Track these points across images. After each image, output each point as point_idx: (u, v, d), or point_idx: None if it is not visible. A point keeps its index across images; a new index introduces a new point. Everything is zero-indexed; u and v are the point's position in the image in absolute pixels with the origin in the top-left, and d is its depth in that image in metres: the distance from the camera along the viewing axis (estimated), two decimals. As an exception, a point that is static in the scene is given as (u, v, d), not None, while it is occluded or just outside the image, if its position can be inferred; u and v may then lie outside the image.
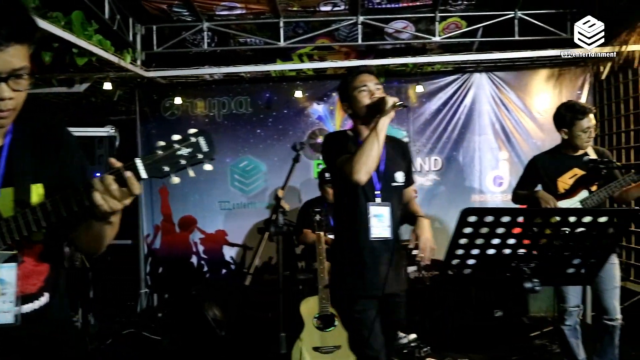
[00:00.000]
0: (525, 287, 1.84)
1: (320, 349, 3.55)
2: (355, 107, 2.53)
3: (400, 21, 5.51)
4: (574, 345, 3.50)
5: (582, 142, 3.38)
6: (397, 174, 2.58)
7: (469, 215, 1.69)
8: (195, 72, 5.50)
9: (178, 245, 5.73)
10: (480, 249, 1.80)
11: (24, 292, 1.39)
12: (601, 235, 1.80)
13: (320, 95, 5.76)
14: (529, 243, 1.79)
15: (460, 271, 1.87)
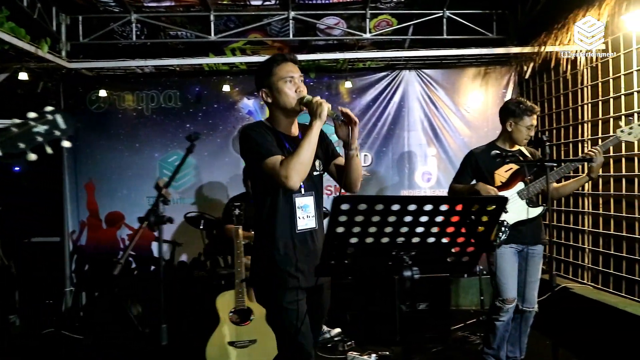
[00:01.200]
0: (405, 275, 1.86)
1: (236, 343, 3.53)
2: (277, 98, 2.39)
3: (332, 17, 5.53)
4: (502, 340, 3.60)
5: (522, 138, 3.57)
6: (316, 162, 2.48)
7: (341, 203, 1.70)
8: (123, 64, 5.37)
9: (105, 242, 5.59)
10: (359, 238, 1.81)
11: None
12: (476, 223, 1.84)
13: (250, 90, 5.72)
14: (407, 231, 1.82)
15: (341, 261, 1.88)
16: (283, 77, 2.36)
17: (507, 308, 3.50)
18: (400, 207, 1.74)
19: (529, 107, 3.58)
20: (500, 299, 3.52)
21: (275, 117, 2.48)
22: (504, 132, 3.66)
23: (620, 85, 4.26)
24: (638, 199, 4.05)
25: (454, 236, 1.88)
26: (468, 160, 3.74)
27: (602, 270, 4.50)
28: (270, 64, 2.41)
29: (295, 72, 2.39)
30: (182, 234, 5.52)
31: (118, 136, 5.62)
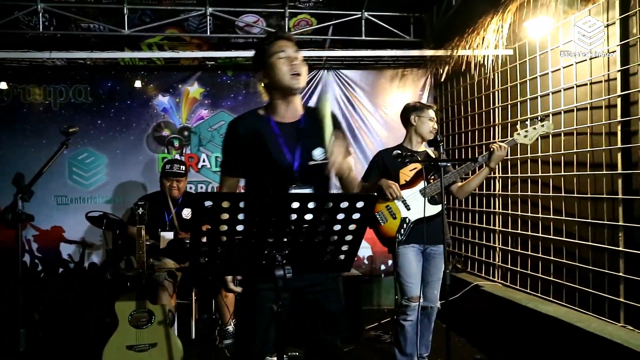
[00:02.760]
0: (277, 274, 1.82)
1: (135, 347, 3.41)
2: (272, 76, 2.25)
3: (250, 15, 5.47)
4: (413, 344, 3.63)
5: (427, 130, 3.70)
6: (316, 150, 2.30)
7: (203, 199, 1.64)
8: (26, 55, 5.09)
9: (7, 243, 5.28)
10: (227, 236, 1.76)
11: None
12: (348, 220, 1.83)
13: (166, 86, 5.58)
14: (276, 231, 1.79)
15: (213, 259, 1.83)
16: (276, 52, 2.23)
17: (413, 306, 3.55)
18: (266, 205, 1.71)
19: (428, 104, 3.85)
20: (406, 298, 3.57)
21: (273, 101, 2.34)
22: (409, 131, 3.79)
23: (526, 90, 4.42)
24: (541, 200, 4.21)
25: (327, 235, 1.86)
26: (376, 159, 3.82)
27: (510, 269, 4.65)
28: (262, 43, 2.31)
29: (288, 47, 2.26)
30: (94, 234, 5.32)
31: (23, 132, 5.34)
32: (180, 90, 5.59)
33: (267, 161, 2.28)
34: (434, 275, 3.69)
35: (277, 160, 2.27)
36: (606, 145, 3.51)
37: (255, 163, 2.30)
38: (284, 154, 2.28)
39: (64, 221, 5.38)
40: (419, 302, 3.58)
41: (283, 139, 2.29)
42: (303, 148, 2.29)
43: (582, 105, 3.73)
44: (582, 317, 3.53)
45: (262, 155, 2.28)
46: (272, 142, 2.28)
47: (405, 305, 3.58)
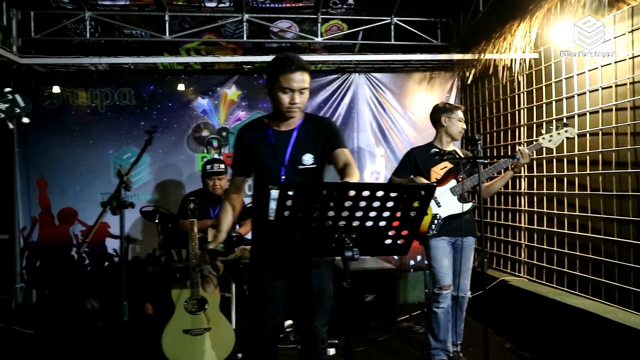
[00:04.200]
0: (346, 255, 2.06)
1: (191, 331, 3.67)
2: (273, 102, 2.60)
3: (284, 21, 5.73)
4: (446, 331, 3.85)
5: (457, 130, 3.91)
6: (305, 156, 2.63)
7: (288, 189, 1.89)
8: (77, 61, 5.39)
9: (57, 238, 5.60)
10: (304, 222, 2.00)
11: None
12: (409, 208, 2.06)
13: (205, 89, 5.87)
14: (348, 216, 2.02)
15: (289, 243, 2.07)
16: (283, 87, 2.49)
17: (445, 294, 3.76)
18: (342, 193, 1.94)
19: (456, 105, 4.02)
20: (438, 287, 3.78)
21: (274, 111, 2.67)
22: (439, 131, 3.98)
23: (551, 92, 4.62)
24: (567, 197, 4.39)
25: (390, 220, 2.09)
26: (407, 157, 4.01)
27: (536, 264, 4.83)
28: (277, 71, 2.50)
29: (296, 85, 2.49)
30: (136, 230, 5.61)
31: (71, 133, 5.63)
32: (218, 92, 5.87)
33: (262, 165, 2.66)
34: (464, 265, 3.89)
35: (269, 165, 2.64)
36: (631, 145, 3.68)
37: (254, 166, 2.71)
38: (275, 160, 2.62)
39: (109, 217, 5.58)
40: (450, 291, 3.80)
41: (275, 146, 2.64)
42: (292, 154, 2.62)
43: (607, 106, 3.90)
44: (609, 309, 3.68)
45: (259, 160, 2.66)
46: (266, 148, 2.65)
47: (438, 294, 3.79)
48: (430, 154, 3.67)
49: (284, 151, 2.63)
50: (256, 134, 2.69)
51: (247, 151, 2.69)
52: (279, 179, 2.59)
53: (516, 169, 3.75)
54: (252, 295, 2.76)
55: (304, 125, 2.68)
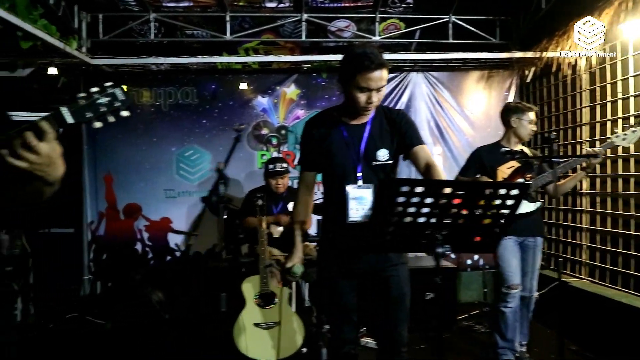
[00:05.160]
0: (437, 251, 2.10)
1: (261, 324, 3.76)
2: (348, 99, 2.48)
3: (342, 20, 5.78)
4: (514, 330, 3.83)
5: (526, 132, 3.86)
6: (380, 151, 2.53)
7: (387, 185, 1.94)
8: (142, 62, 5.58)
9: (122, 232, 5.79)
10: (399, 217, 2.04)
11: None
12: (501, 206, 2.08)
13: (264, 88, 5.97)
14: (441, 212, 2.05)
15: (382, 238, 2.12)
16: (360, 86, 2.38)
17: (513, 294, 3.74)
18: (438, 191, 1.98)
19: (528, 105, 3.93)
20: (506, 286, 3.77)
21: (345, 106, 2.56)
22: (508, 131, 3.92)
23: (617, 90, 4.53)
24: (634, 198, 4.31)
25: (482, 218, 2.12)
26: (474, 156, 4.00)
27: (598, 265, 4.75)
28: (354, 69, 2.38)
29: (374, 85, 2.38)
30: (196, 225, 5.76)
31: (136, 130, 5.82)
32: (278, 91, 5.98)
33: (333, 161, 2.55)
34: (532, 265, 3.88)
35: (342, 161, 2.53)
36: None
37: (324, 161, 2.58)
38: (348, 155, 2.53)
39: (172, 212, 5.84)
40: (519, 290, 3.78)
41: (349, 141, 2.53)
42: (366, 149, 2.52)
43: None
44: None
45: (330, 155, 2.55)
46: (338, 143, 2.54)
47: (506, 293, 3.77)
48: (501, 152, 3.65)
49: (357, 146, 2.52)
50: (326, 127, 2.58)
51: (317, 145, 2.58)
52: (354, 176, 2.51)
53: (588, 168, 3.69)
54: (326, 297, 2.69)
55: (376, 118, 2.57)
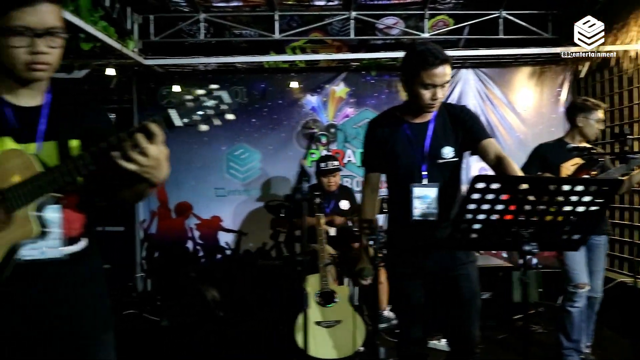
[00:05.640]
0: (524, 249, 2.05)
1: (322, 323, 3.76)
2: (411, 97, 2.45)
3: (391, 17, 5.74)
4: (580, 331, 3.74)
5: (593, 132, 3.73)
6: (445, 149, 2.49)
7: (478, 181, 1.90)
8: (193, 62, 5.64)
9: (174, 231, 5.87)
10: (486, 214, 2.01)
11: (67, 235, 1.54)
12: (590, 203, 2.03)
13: (313, 86, 5.97)
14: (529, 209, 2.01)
15: (467, 235, 2.08)
16: (424, 83, 2.36)
17: (580, 293, 3.65)
18: (528, 187, 1.94)
19: (596, 102, 3.76)
20: (572, 285, 3.68)
21: (409, 104, 2.54)
22: (573, 129, 3.80)
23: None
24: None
25: (570, 215, 2.06)
26: (537, 152, 3.89)
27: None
28: (418, 65, 2.36)
29: (439, 80, 2.36)
30: (246, 224, 5.80)
31: (187, 130, 5.81)
32: (327, 90, 5.97)
33: (397, 160, 2.52)
34: (597, 265, 3.77)
35: (406, 160, 2.50)
36: None
37: (389, 162, 2.56)
38: (413, 154, 2.50)
39: (222, 211, 5.90)
40: (586, 289, 3.68)
41: (413, 140, 2.50)
42: (431, 148, 2.48)
43: None
44: None
45: (394, 155, 2.53)
46: (402, 142, 2.51)
47: (573, 292, 3.68)
48: (567, 149, 3.56)
49: (421, 145, 2.50)
50: (389, 127, 2.56)
51: (381, 146, 2.56)
52: (419, 175, 2.48)
53: None
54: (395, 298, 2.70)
55: (440, 116, 2.53)
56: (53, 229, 1.50)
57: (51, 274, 1.52)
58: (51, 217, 1.50)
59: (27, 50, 1.42)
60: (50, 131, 1.54)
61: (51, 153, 1.53)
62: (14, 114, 1.52)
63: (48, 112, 1.56)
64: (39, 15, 1.40)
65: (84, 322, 1.59)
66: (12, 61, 1.43)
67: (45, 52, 1.44)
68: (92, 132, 1.60)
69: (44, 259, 1.50)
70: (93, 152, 1.43)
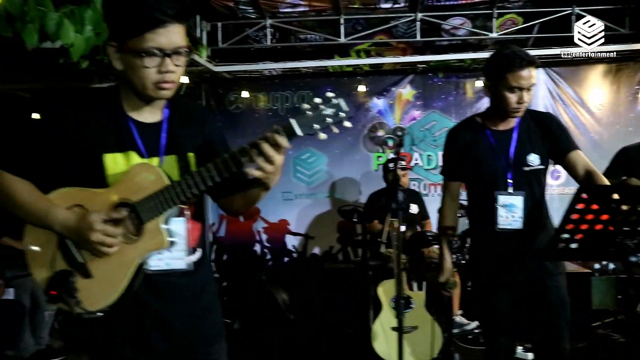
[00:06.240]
0: (630, 260, 1.98)
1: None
2: (496, 101, 2.40)
3: (458, 18, 5.64)
4: None
5: None
6: (530, 156, 2.42)
7: (582, 192, 1.85)
8: (261, 67, 5.72)
9: (242, 234, 5.98)
10: (590, 224, 1.95)
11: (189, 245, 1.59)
12: None
13: (379, 89, 5.95)
14: (636, 219, 1.94)
15: (569, 245, 2.03)
16: (510, 87, 2.31)
17: None
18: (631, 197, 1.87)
19: None
20: None
21: (492, 110, 2.51)
22: None
23: None
24: None
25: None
26: (621, 156, 3.72)
27: None
28: (503, 68, 2.32)
29: (525, 83, 2.31)
30: (313, 227, 5.84)
31: (254, 134, 5.91)
32: (393, 92, 5.94)
33: (481, 169, 2.47)
34: None
35: (491, 168, 2.44)
36: None
37: (471, 170, 2.51)
38: (497, 162, 2.43)
39: (289, 215, 5.96)
40: None
41: (497, 148, 2.44)
42: (517, 155, 2.42)
43: None
44: None
45: (477, 163, 2.47)
46: (486, 151, 2.46)
47: None
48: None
49: (506, 152, 2.44)
50: (471, 134, 2.52)
51: (463, 154, 2.52)
52: (504, 182, 2.43)
53: None
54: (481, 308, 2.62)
55: (524, 122, 2.47)
56: (178, 240, 1.55)
57: (173, 284, 1.59)
58: (176, 228, 1.55)
59: (156, 70, 1.47)
60: (170, 145, 1.61)
61: (172, 166, 1.60)
62: (138, 129, 1.58)
63: (167, 127, 1.63)
64: (169, 35, 1.45)
65: (202, 331, 1.65)
66: (143, 81, 1.48)
67: (172, 71, 1.49)
68: (208, 144, 1.68)
69: (168, 269, 1.56)
70: (220, 163, 1.48)
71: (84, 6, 2.40)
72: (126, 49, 1.46)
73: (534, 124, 2.49)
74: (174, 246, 1.54)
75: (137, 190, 1.49)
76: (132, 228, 1.50)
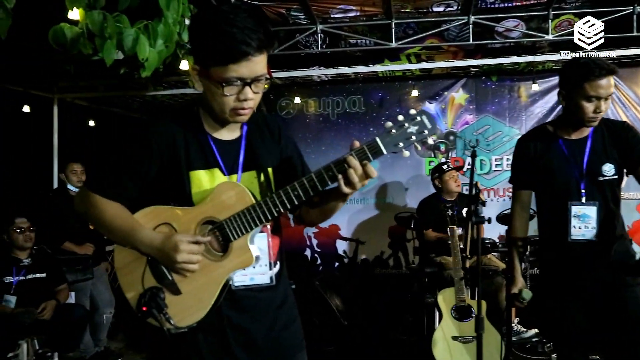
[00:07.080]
0: None
1: (459, 338, 3.69)
2: (572, 110, 2.38)
3: (511, 20, 5.53)
4: None
5: None
6: (605, 166, 2.40)
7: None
8: (313, 73, 5.74)
9: (293, 239, 6.01)
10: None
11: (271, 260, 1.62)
12: None
13: (431, 94, 5.90)
14: None
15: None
16: (588, 96, 2.29)
17: None
18: None
19: None
20: None
21: (565, 118, 2.49)
22: None
23: None
24: None
25: None
26: None
27: None
28: (581, 77, 2.30)
29: (603, 92, 2.28)
30: (363, 232, 5.82)
31: (306, 140, 6.02)
32: (445, 97, 5.89)
33: (553, 179, 2.44)
34: None
35: (564, 178, 2.41)
36: None
37: (543, 180, 2.48)
38: (571, 172, 2.41)
39: (340, 220, 5.97)
40: None
41: (570, 157, 2.42)
42: (590, 164, 2.39)
43: None
44: None
45: (549, 173, 2.44)
46: (559, 160, 2.43)
47: None
48: None
49: (580, 162, 2.41)
50: (543, 144, 2.49)
51: (533, 162, 2.50)
52: (577, 193, 2.39)
53: None
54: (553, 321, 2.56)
55: (598, 131, 2.43)
56: (262, 255, 1.57)
57: (256, 298, 1.61)
58: (260, 244, 1.58)
59: (235, 98, 1.48)
60: (248, 161, 1.63)
61: (251, 182, 1.62)
62: (217, 147, 1.60)
63: (245, 143, 1.65)
64: (252, 66, 1.44)
65: (284, 343, 1.67)
66: (222, 107, 1.50)
67: (251, 99, 1.50)
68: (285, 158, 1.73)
69: (252, 284, 1.58)
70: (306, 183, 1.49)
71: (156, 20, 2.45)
72: (208, 76, 1.47)
73: (608, 133, 2.46)
74: (257, 261, 1.56)
75: (222, 208, 1.52)
76: (217, 246, 1.53)
